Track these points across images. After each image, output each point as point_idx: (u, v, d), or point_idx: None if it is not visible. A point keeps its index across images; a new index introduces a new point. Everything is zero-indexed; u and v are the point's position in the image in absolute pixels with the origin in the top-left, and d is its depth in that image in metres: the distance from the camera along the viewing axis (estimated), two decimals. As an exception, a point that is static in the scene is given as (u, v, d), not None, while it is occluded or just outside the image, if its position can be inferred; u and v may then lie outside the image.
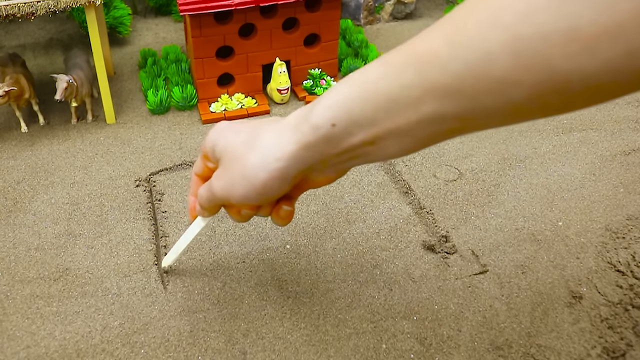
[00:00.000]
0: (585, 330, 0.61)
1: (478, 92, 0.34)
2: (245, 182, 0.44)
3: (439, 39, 0.35)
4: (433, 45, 0.35)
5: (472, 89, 0.34)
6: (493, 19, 0.32)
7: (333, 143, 0.40)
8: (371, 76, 0.38)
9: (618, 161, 0.85)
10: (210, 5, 0.87)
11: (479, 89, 0.33)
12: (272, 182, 0.43)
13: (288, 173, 0.43)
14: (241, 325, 0.62)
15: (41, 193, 0.80)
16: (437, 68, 0.34)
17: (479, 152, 0.88)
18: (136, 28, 1.26)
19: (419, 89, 0.36)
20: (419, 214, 0.76)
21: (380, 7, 1.27)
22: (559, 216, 0.76)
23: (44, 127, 0.95)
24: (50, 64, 1.12)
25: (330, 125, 0.40)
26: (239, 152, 0.45)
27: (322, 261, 0.69)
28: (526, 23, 0.30)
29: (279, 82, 0.96)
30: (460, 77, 0.34)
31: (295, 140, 0.42)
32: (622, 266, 0.68)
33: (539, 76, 0.31)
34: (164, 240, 0.73)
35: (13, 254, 0.71)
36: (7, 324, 0.62)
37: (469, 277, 0.67)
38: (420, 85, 0.36)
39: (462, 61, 0.33)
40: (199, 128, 0.94)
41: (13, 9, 0.80)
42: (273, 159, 0.42)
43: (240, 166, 0.44)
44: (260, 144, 0.43)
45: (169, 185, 0.82)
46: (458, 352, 0.59)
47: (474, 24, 0.33)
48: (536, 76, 0.31)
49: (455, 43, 0.33)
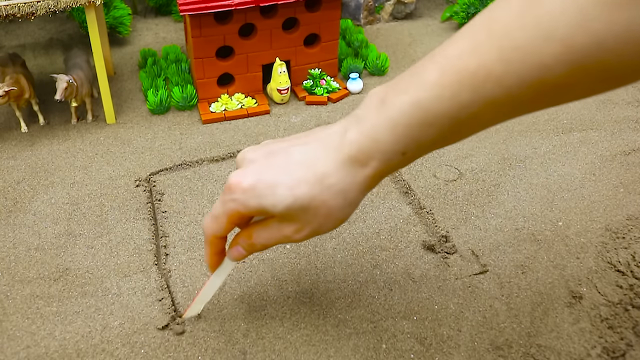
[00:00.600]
0: (585, 330, 0.61)
1: (532, 99, 0.37)
2: (331, 224, 0.48)
3: (491, 54, 0.36)
4: (486, 63, 0.36)
5: (527, 98, 0.36)
6: (546, 33, 0.33)
7: (402, 165, 0.45)
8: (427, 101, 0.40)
9: (618, 161, 0.85)
10: (210, 5, 0.87)
11: (533, 97, 0.36)
12: (351, 213, 0.48)
13: (361, 200, 0.48)
14: (241, 325, 0.62)
15: (41, 193, 0.80)
16: (492, 85, 0.37)
17: (479, 152, 0.88)
18: (136, 28, 1.26)
19: (477, 106, 0.38)
20: (419, 214, 0.76)
21: (380, 7, 1.27)
22: (559, 216, 0.76)
23: (44, 127, 0.95)
24: (50, 64, 1.12)
25: (401, 155, 0.43)
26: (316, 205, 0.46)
27: (322, 261, 0.69)
28: (581, 33, 0.33)
29: (279, 82, 0.97)
30: (515, 89, 0.36)
31: (367, 175, 0.45)
32: (622, 266, 0.68)
33: (593, 77, 0.34)
34: (164, 240, 0.73)
35: (13, 254, 0.71)
36: (7, 324, 0.62)
37: (469, 277, 0.67)
38: (477, 103, 0.38)
39: (516, 76, 0.35)
40: (199, 128, 0.94)
41: (13, 9, 0.80)
42: (353, 199, 0.46)
43: (324, 215, 0.47)
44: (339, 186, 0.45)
45: (169, 185, 0.82)
46: (458, 352, 0.59)
47: (527, 39, 0.34)
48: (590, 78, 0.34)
49: (509, 60, 0.35)
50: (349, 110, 0.97)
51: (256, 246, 0.52)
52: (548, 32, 0.33)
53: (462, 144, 0.88)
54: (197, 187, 0.81)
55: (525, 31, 0.34)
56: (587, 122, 0.94)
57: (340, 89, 1.02)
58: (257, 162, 0.48)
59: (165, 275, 0.68)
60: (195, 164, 0.86)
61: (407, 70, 0.43)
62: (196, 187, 0.81)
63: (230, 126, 0.94)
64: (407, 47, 1.18)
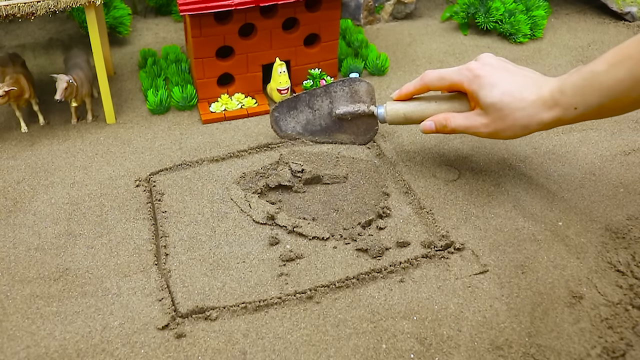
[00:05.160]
0: (585, 330, 0.61)
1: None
2: (510, 133, 0.69)
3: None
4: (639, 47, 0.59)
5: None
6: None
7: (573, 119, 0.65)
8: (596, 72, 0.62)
9: (618, 161, 0.85)
10: (210, 5, 0.87)
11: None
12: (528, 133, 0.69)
13: (538, 130, 0.68)
14: (241, 325, 0.62)
15: (41, 193, 0.80)
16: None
17: (479, 152, 0.88)
18: (136, 28, 1.26)
19: (629, 81, 0.60)
20: (419, 214, 0.76)
21: (380, 7, 1.27)
22: (559, 216, 0.76)
23: (44, 127, 0.95)
24: (50, 64, 1.12)
25: (573, 109, 0.65)
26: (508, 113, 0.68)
27: (322, 261, 0.69)
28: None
29: (279, 82, 0.96)
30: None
31: (550, 116, 0.66)
32: (622, 266, 0.68)
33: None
34: (164, 240, 0.73)
35: (13, 254, 0.71)
36: (7, 324, 0.62)
37: (469, 277, 0.67)
38: (630, 79, 0.59)
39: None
40: (199, 128, 0.94)
41: (13, 9, 0.80)
42: (537, 123, 0.67)
43: (509, 123, 0.68)
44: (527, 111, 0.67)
45: (169, 185, 0.82)
46: (458, 352, 0.59)
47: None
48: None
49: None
50: (349, 110, 0.97)
51: (447, 127, 0.74)
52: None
53: (462, 144, 0.88)
54: (197, 187, 0.81)
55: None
56: (587, 122, 0.94)
57: (340, 89, 1.02)
58: (492, 66, 0.71)
59: (165, 275, 0.68)
60: (195, 164, 0.86)
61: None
62: (196, 187, 0.81)
63: (230, 126, 0.94)
64: (407, 47, 1.18)
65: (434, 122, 0.75)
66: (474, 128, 0.72)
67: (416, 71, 1.09)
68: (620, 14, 1.27)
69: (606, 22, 1.27)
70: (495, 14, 1.19)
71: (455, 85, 0.73)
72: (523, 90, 0.67)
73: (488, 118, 0.70)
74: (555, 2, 1.34)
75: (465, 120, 0.72)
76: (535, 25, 1.20)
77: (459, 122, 0.73)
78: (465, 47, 1.18)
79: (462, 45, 1.19)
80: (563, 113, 0.65)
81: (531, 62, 1.12)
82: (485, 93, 0.69)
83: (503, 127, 0.69)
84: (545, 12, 1.22)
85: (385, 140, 0.90)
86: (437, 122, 0.75)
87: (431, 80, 0.75)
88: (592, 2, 1.33)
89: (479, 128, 0.71)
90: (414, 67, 1.11)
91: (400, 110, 0.80)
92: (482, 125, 0.71)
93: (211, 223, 0.75)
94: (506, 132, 0.69)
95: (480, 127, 0.71)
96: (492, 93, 0.68)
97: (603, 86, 0.61)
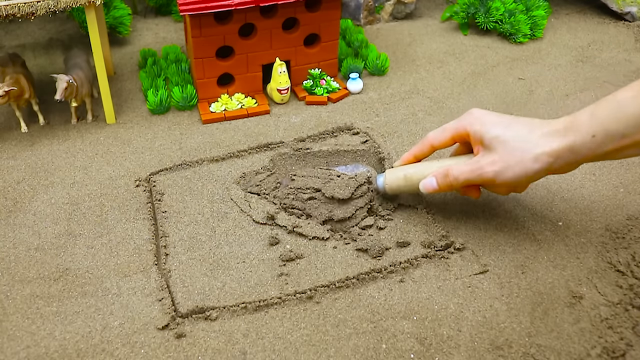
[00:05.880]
0: (585, 330, 0.61)
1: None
2: (518, 169, 0.62)
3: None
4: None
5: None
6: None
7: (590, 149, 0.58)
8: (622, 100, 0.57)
9: (618, 161, 0.85)
10: (210, 5, 0.87)
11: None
12: (540, 172, 0.61)
13: (551, 166, 0.61)
14: (241, 325, 0.62)
15: (41, 193, 0.80)
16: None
17: (479, 152, 0.88)
18: (136, 28, 1.26)
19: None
20: (419, 214, 0.76)
21: (380, 7, 1.27)
22: (559, 216, 0.76)
23: (44, 127, 0.95)
24: (50, 64, 1.12)
25: (590, 137, 0.58)
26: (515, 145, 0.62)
27: (322, 261, 0.69)
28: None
29: (279, 82, 0.97)
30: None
31: (562, 143, 0.59)
32: (622, 266, 0.68)
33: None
34: (164, 240, 0.73)
35: (13, 254, 0.71)
36: (7, 324, 0.62)
37: (469, 277, 0.67)
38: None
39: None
40: (199, 128, 0.94)
41: (13, 9, 0.80)
42: (546, 155, 0.60)
43: (518, 157, 0.62)
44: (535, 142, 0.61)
45: (169, 185, 0.82)
46: (458, 352, 0.59)
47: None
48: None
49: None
50: (349, 110, 0.97)
51: (449, 177, 0.67)
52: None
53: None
54: (197, 187, 0.81)
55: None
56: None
57: (340, 89, 1.02)
58: (489, 112, 0.67)
59: (165, 275, 0.68)
60: (195, 164, 0.86)
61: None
62: (196, 187, 0.81)
63: (230, 126, 0.94)
64: (407, 47, 1.18)
65: (435, 176, 0.69)
66: (478, 170, 0.65)
67: (416, 71, 1.09)
68: (620, 14, 1.27)
69: (606, 22, 1.27)
70: (495, 14, 1.19)
71: (457, 133, 0.68)
72: (530, 123, 0.63)
73: (493, 155, 0.64)
74: (555, 2, 1.34)
75: (468, 165, 0.66)
76: (535, 25, 1.20)
77: (462, 169, 0.66)
78: (465, 47, 1.18)
79: (462, 45, 1.19)
80: (578, 139, 0.58)
81: (531, 62, 1.12)
82: (488, 128, 0.64)
83: (511, 163, 0.62)
84: (545, 12, 1.22)
85: (385, 140, 0.90)
86: (438, 175, 0.68)
87: (433, 135, 0.71)
88: (592, 2, 1.33)
89: (484, 168, 0.64)
90: (414, 67, 1.11)
91: (399, 172, 0.73)
92: (488, 164, 0.64)
93: (211, 223, 0.75)
94: (514, 168, 0.62)
95: (486, 167, 0.64)
96: (496, 127, 0.64)
97: (629, 113, 0.56)
